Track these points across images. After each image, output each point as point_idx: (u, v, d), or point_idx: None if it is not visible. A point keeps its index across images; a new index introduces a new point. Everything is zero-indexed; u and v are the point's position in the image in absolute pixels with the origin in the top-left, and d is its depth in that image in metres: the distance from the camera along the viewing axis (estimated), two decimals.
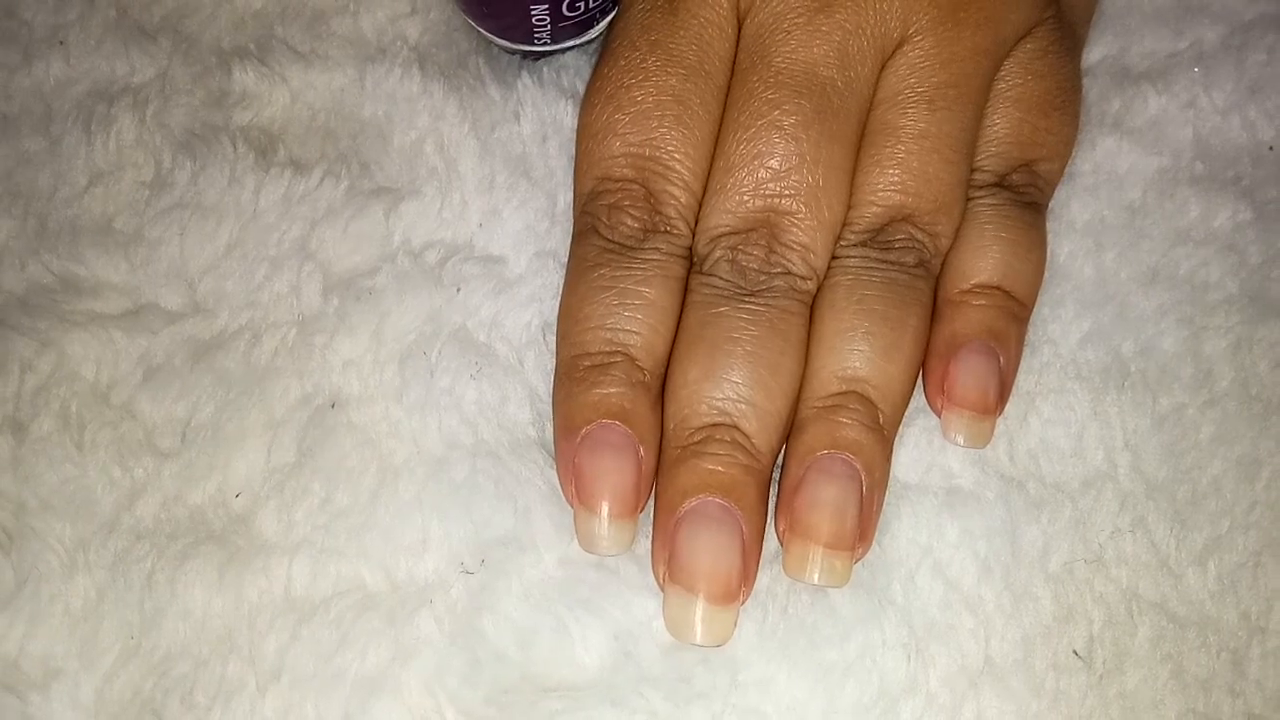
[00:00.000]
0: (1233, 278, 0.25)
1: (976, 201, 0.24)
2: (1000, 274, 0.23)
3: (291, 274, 0.24)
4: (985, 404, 0.23)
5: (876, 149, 0.23)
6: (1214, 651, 0.22)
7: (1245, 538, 0.23)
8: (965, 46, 0.23)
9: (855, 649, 0.22)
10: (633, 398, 0.22)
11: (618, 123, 0.23)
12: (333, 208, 0.25)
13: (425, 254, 0.24)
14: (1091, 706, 0.22)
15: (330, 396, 0.23)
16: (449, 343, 0.24)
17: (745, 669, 0.22)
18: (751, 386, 0.22)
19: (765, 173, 0.22)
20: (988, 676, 0.22)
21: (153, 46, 0.26)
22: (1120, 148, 0.26)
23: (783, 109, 0.22)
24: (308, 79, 0.26)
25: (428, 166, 0.25)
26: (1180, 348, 0.24)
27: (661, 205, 0.23)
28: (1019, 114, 0.24)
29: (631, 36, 0.23)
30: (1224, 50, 0.27)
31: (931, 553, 0.23)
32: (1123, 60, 0.27)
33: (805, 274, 0.22)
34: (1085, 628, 0.22)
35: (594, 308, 0.22)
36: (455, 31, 0.27)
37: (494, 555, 0.22)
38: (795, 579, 0.22)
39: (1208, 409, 0.24)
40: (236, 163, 0.25)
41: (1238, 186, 0.26)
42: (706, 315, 0.22)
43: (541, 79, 0.26)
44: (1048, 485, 0.23)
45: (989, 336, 0.23)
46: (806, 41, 0.22)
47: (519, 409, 0.23)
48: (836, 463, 0.21)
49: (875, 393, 0.22)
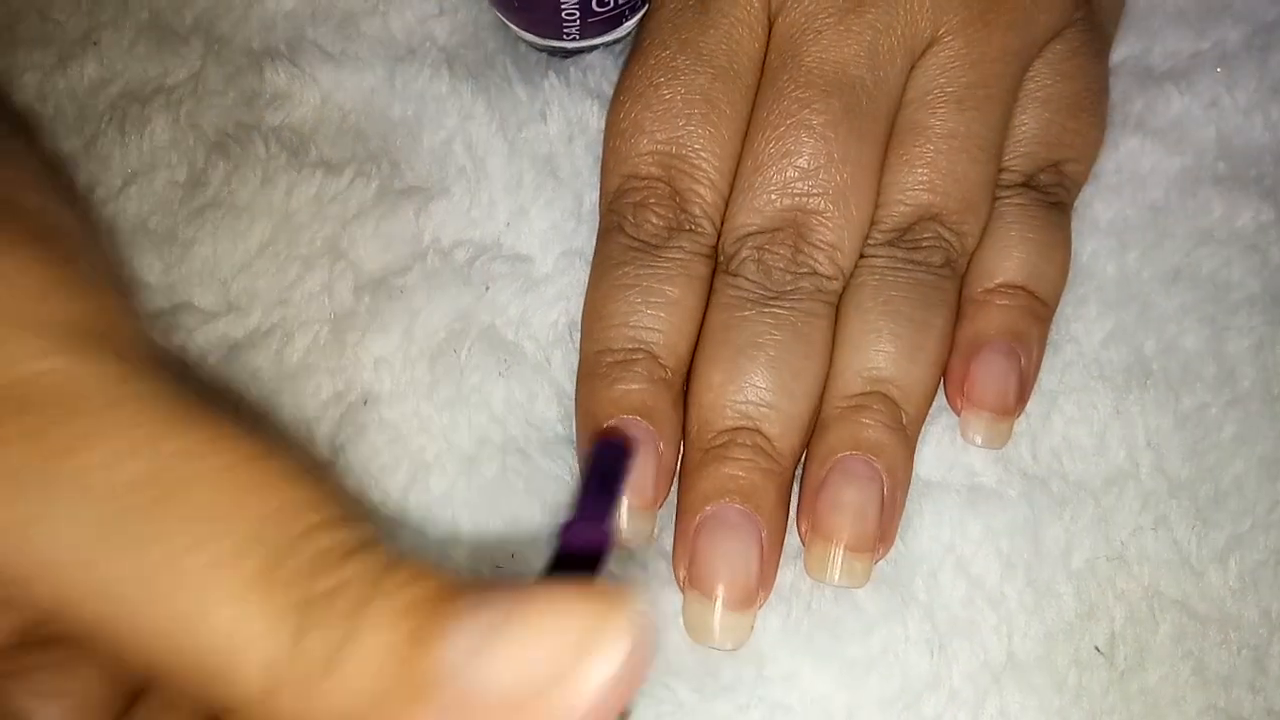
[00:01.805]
0: (1255, 277, 0.25)
1: (1003, 201, 0.24)
2: (1025, 274, 0.24)
3: (323, 273, 0.24)
4: (1004, 405, 0.23)
5: (905, 148, 0.23)
6: (1235, 648, 0.22)
7: (1266, 536, 0.23)
8: (995, 47, 0.23)
9: (879, 644, 0.22)
10: (654, 394, 0.22)
11: (646, 121, 0.23)
12: (363, 207, 0.25)
13: (454, 253, 0.25)
14: (1113, 702, 0.22)
15: (362, 394, 0.23)
16: (478, 341, 0.24)
17: (771, 663, 0.22)
18: (774, 391, 0.22)
19: (793, 171, 0.22)
20: (1010, 672, 0.22)
21: (185, 48, 0.26)
22: (1143, 147, 0.26)
23: (812, 108, 0.22)
24: (338, 79, 0.26)
25: (456, 166, 0.26)
26: (1203, 347, 0.25)
27: (687, 204, 0.23)
28: (1047, 115, 0.24)
29: (662, 35, 0.24)
30: (1246, 50, 0.27)
31: (954, 550, 0.23)
32: (1146, 60, 0.27)
33: (831, 274, 0.23)
34: (1107, 625, 0.22)
35: (617, 305, 0.23)
36: (483, 31, 0.27)
37: (523, 549, 0.22)
38: (816, 579, 0.22)
39: (1230, 408, 0.24)
40: (269, 163, 0.25)
41: (1260, 186, 0.26)
42: (731, 319, 0.22)
43: (568, 79, 0.26)
44: (1070, 483, 0.23)
45: (1010, 337, 0.23)
46: (837, 41, 0.22)
47: (547, 406, 0.24)
48: (858, 464, 0.22)
49: (899, 393, 0.22)
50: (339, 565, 0.13)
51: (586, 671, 0.12)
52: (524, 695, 0.12)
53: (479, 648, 0.12)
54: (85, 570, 0.13)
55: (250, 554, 0.13)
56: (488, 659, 0.12)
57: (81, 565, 0.13)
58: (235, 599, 0.13)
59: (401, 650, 0.12)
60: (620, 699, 0.12)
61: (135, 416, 0.14)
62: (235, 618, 0.13)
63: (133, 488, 0.13)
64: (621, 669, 0.12)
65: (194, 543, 0.13)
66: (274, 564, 0.13)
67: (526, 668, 0.12)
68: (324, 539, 0.13)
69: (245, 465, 0.14)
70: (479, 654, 0.12)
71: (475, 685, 0.12)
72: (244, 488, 0.13)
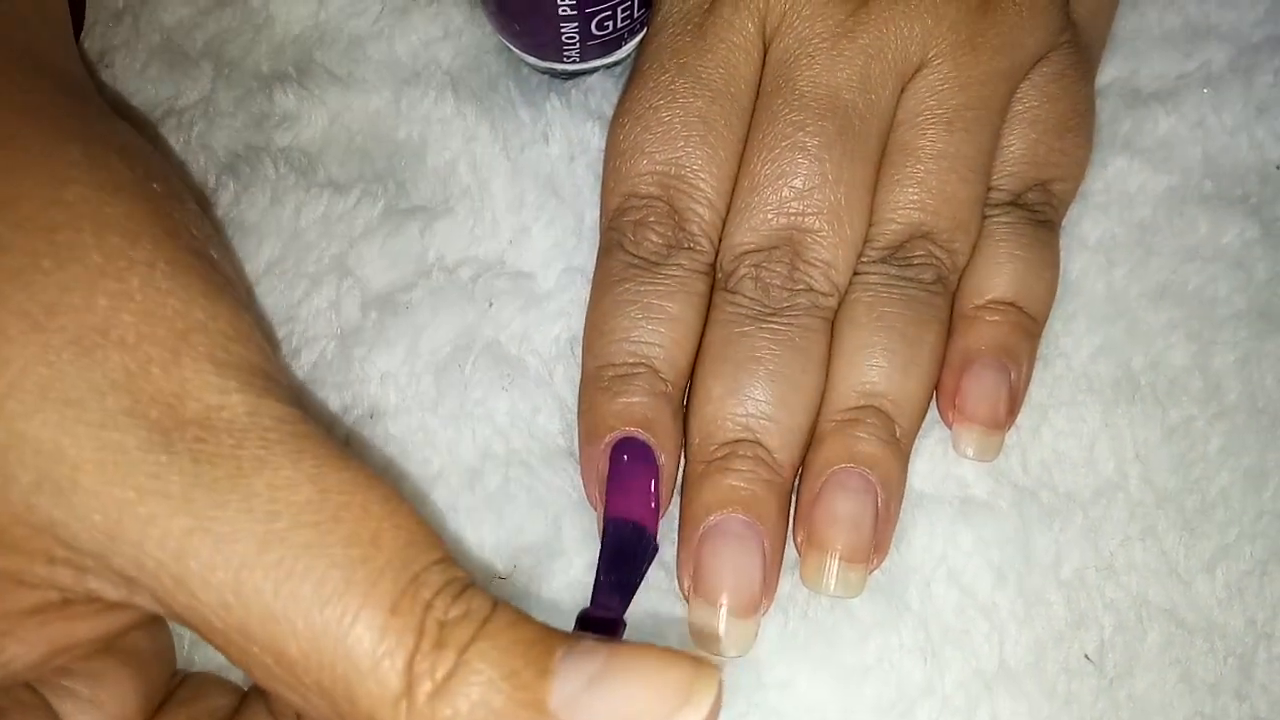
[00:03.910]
0: (1240, 294, 0.26)
1: (992, 220, 0.25)
2: (1014, 290, 0.24)
3: (331, 290, 0.25)
4: (995, 419, 0.23)
5: (896, 168, 0.24)
6: (1221, 657, 0.23)
7: (1253, 546, 0.24)
8: (982, 70, 0.23)
9: (873, 652, 0.23)
10: (656, 407, 0.22)
11: (645, 142, 0.24)
12: (370, 226, 0.25)
13: (459, 270, 0.25)
14: (1102, 709, 0.22)
15: (369, 408, 0.24)
16: (482, 356, 0.25)
17: (768, 671, 0.22)
18: (774, 403, 0.22)
19: (789, 191, 0.23)
20: (1001, 680, 0.22)
21: (196, 70, 0.27)
22: (1131, 167, 0.27)
23: (806, 130, 0.23)
24: (345, 101, 0.27)
25: (460, 186, 0.26)
26: (1189, 362, 0.25)
27: (686, 222, 0.24)
28: (1034, 135, 0.25)
29: (660, 59, 0.24)
30: (1232, 71, 0.28)
31: (947, 560, 0.23)
32: (1133, 82, 0.28)
33: (827, 290, 0.23)
34: (1096, 633, 0.23)
35: (618, 320, 0.23)
36: (486, 55, 0.28)
37: (525, 561, 0.23)
38: (812, 589, 0.22)
39: (1216, 421, 0.25)
40: (278, 183, 0.26)
41: (1246, 204, 0.27)
42: (730, 334, 0.23)
43: (569, 101, 0.27)
44: (1060, 495, 0.24)
45: (1001, 352, 0.24)
46: (830, 66, 0.23)
47: (549, 420, 0.24)
48: (853, 477, 0.22)
49: (893, 407, 0.23)
50: (455, 600, 0.15)
51: (687, 715, 0.14)
52: None
53: (585, 689, 0.14)
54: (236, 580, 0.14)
55: (390, 578, 0.15)
56: (596, 697, 0.14)
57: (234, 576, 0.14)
58: (376, 616, 0.14)
59: (504, 686, 0.14)
60: None
61: (302, 451, 0.16)
62: (377, 631, 0.14)
63: (301, 509, 0.15)
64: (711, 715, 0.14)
65: (347, 561, 0.15)
66: (408, 590, 0.15)
67: (631, 709, 0.14)
68: (445, 574, 0.15)
69: (385, 502, 0.16)
70: (587, 692, 0.14)
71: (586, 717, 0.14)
72: (385, 521, 0.15)
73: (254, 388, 0.16)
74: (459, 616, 0.15)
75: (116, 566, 0.15)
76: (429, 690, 0.14)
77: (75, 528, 0.15)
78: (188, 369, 0.16)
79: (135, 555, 0.15)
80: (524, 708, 0.14)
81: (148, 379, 0.15)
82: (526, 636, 0.15)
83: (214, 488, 0.15)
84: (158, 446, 0.15)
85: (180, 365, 0.16)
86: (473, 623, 0.15)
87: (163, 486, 0.15)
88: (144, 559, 0.15)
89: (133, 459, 0.15)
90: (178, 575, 0.15)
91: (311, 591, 0.14)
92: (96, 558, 0.15)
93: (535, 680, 0.14)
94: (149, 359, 0.16)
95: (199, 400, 0.16)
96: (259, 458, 0.15)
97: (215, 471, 0.15)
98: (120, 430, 0.15)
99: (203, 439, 0.15)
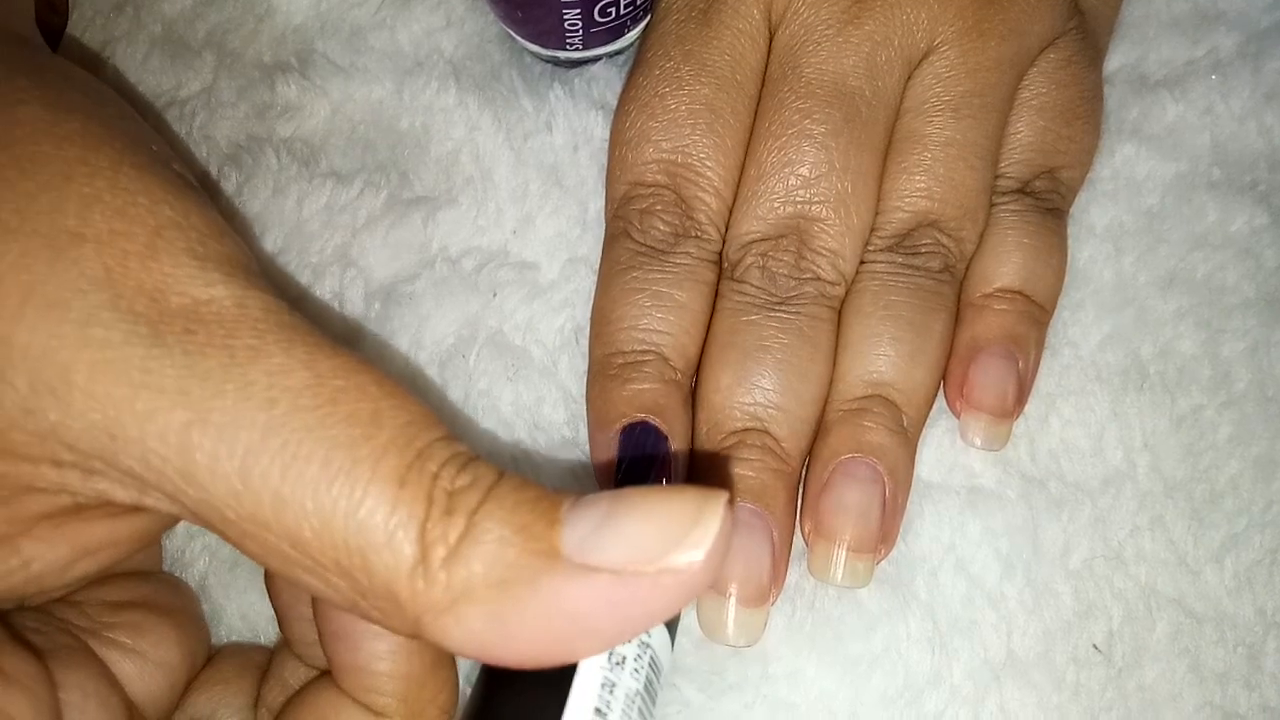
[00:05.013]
0: (1249, 281, 0.26)
1: (1000, 207, 0.24)
2: (1022, 279, 0.24)
3: (334, 280, 0.25)
4: (1002, 408, 0.23)
5: (903, 156, 0.24)
6: (1230, 646, 0.23)
7: (1262, 536, 0.23)
8: (989, 57, 0.23)
9: (881, 642, 0.22)
10: (665, 394, 0.22)
11: (651, 130, 0.24)
12: (373, 216, 0.25)
13: (462, 260, 0.25)
14: (1111, 699, 0.22)
15: None
16: (486, 346, 0.24)
17: (775, 661, 0.22)
18: (782, 392, 0.22)
19: (795, 180, 0.23)
20: (1010, 670, 0.22)
21: (198, 61, 0.27)
22: (1139, 154, 0.27)
23: (813, 118, 0.23)
24: (348, 91, 0.26)
25: (464, 176, 0.26)
26: (1198, 350, 0.25)
27: (693, 210, 0.24)
28: (1042, 122, 0.25)
29: (666, 46, 0.24)
30: (1240, 58, 0.28)
31: (954, 550, 0.23)
32: (1141, 68, 0.28)
33: (834, 279, 0.23)
34: (1105, 623, 0.23)
35: (627, 309, 0.23)
36: (489, 44, 0.27)
37: None
38: (819, 579, 0.22)
39: (1225, 410, 0.24)
40: (280, 173, 0.25)
41: (1254, 191, 0.26)
42: (738, 323, 0.23)
43: (573, 90, 0.27)
44: (1068, 484, 0.24)
45: (1009, 341, 0.23)
46: (836, 53, 0.23)
47: (554, 409, 0.24)
48: (861, 466, 0.22)
49: (900, 396, 0.23)
50: (461, 470, 0.15)
51: (696, 538, 0.14)
52: (642, 562, 0.14)
53: (594, 531, 0.14)
54: (243, 468, 0.15)
55: (395, 454, 0.15)
56: (606, 535, 0.14)
57: (239, 465, 0.14)
58: (385, 490, 0.14)
59: (515, 540, 0.14)
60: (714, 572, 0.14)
61: (293, 340, 0.15)
62: (387, 504, 0.14)
63: (299, 394, 0.15)
64: (720, 539, 0.14)
65: (349, 440, 0.15)
66: (414, 464, 0.15)
67: (642, 541, 0.14)
68: (448, 448, 0.15)
69: (381, 384, 0.16)
70: (595, 534, 0.14)
71: (595, 557, 0.14)
72: (383, 402, 0.15)
73: (237, 280, 0.16)
74: (466, 485, 0.15)
75: (124, 466, 0.15)
76: (443, 555, 0.14)
77: (76, 429, 0.15)
78: (166, 264, 0.16)
79: (140, 453, 0.15)
80: (537, 556, 0.14)
81: (126, 274, 0.15)
82: (532, 495, 0.15)
83: (209, 378, 0.15)
84: (146, 340, 0.15)
85: (158, 260, 0.16)
86: (480, 489, 0.15)
87: (156, 380, 0.15)
88: (149, 456, 0.15)
89: (123, 354, 0.15)
90: (183, 469, 0.15)
91: (318, 471, 0.14)
92: (103, 459, 0.15)
93: (546, 530, 0.14)
94: (125, 254, 0.15)
95: (182, 294, 0.15)
96: (252, 347, 0.15)
97: (208, 362, 0.15)
98: (105, 326, 0.15)
99: (192, 330, 0.15)
